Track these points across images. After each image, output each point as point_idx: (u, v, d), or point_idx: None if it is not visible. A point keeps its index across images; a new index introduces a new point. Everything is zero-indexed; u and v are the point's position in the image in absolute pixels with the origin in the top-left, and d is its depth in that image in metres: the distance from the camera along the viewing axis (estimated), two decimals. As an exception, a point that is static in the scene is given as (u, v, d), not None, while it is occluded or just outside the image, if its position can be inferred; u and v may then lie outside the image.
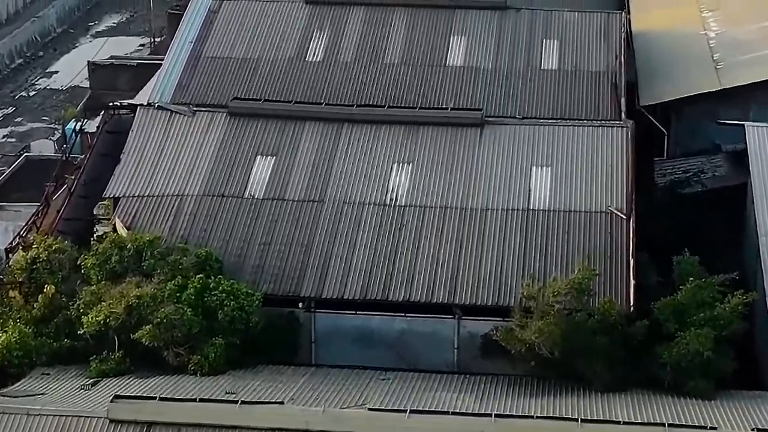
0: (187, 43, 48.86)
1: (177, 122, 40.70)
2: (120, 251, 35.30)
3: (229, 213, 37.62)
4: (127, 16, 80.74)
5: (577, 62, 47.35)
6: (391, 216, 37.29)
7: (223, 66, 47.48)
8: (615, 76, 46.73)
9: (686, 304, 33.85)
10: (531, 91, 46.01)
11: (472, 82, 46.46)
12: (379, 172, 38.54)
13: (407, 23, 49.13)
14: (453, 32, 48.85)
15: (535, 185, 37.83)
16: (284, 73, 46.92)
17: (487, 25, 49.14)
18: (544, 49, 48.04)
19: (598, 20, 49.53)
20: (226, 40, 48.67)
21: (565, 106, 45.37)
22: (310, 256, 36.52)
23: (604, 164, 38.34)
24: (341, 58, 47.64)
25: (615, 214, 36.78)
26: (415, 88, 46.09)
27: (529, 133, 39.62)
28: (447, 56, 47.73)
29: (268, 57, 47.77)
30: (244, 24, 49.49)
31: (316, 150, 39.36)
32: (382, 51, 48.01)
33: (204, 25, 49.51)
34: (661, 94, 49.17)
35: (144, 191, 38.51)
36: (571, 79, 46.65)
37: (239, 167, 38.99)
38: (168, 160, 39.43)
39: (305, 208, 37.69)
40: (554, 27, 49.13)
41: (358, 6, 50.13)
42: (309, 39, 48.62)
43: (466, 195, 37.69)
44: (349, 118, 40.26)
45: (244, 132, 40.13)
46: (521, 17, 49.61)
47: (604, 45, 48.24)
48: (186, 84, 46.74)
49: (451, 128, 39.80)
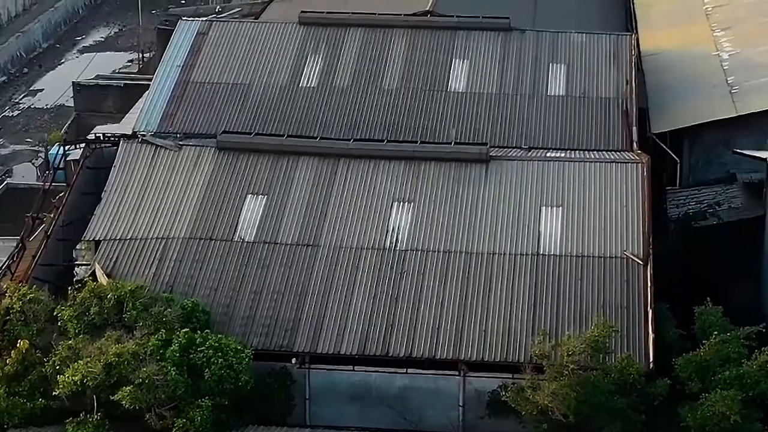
0: (175, 67, 46.43)
1: (162, 157, 38.13)
2: (100, 302, 32.79)
3: (218, 258, 35.07)
4: (115, 30, 78.20)
5: (585, 88, 44.95)
6: (391, 261, 34.76)
7: (212, 92, 45.07)
8: (625, 102, 44.37)
9: (710, 361, 31.40)
10: (537, 119, 43.67)
11: (475, 109, 44.08)
12: (377, 213, 36.01)
13: (407, 45, 46.71)
14: (455, 55, 46.43)
15: (545, 227, 35.30)
16: (277, 100, 44.51)
17: (490, 48, 46.73)
18: (550, 73, 45.65)
19: (607, 43, 47.12)
20: (216, 65, 46.23)
21: (574, 135, 43.05)
22: (304, 306, 33.98)
23: (618, 204, 35.81)
24: (337, 83, 45.21)
25: (631, 259, 34.26)
26: (415, 115, 43.73)
27: (538, 169, 37.06)
28: (448, 81, 45.33)
29: (260, 82, 45.35)
30: (235, 47, 47.06)
31: (311, 188, 36.82)
32: (381, 75, 45.59)
33: (192, 48, 47.09)
34: (673, 120, 46.68)
35: (126, 234, 35.97)
36: (579, 105, 44.28)
37: (228, 207, 36.44)
38: (152, 199, 36.86)
39: (299, 253, 35.13)
40: (561, 50, 46.72)
41: (354, 27, 47.72)
42: (303, 62, 46.18)
43: (471, 238, 35.16)
44: (345, 153, 37.73)
45: (233, 168, 37.58)
46: (526, 39, 47.18)
47: (613, 69, 45.84)
48: (173, 112, 44.32)
49: (454, 164, 37.26)
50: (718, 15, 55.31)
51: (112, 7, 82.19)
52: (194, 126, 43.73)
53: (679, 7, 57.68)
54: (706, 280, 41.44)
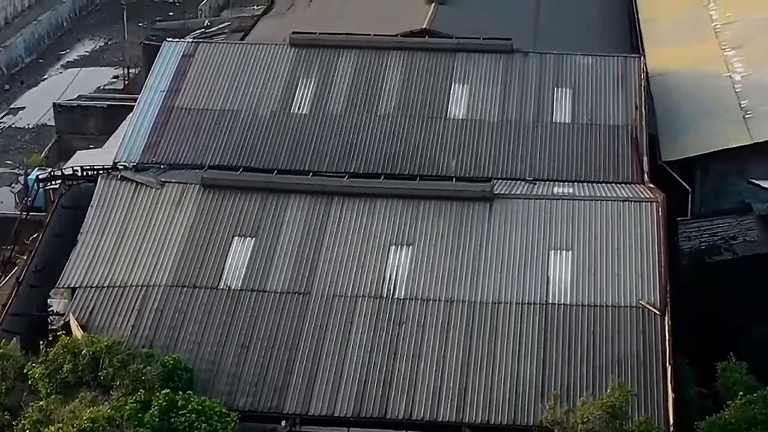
0: (158, 92, 43.92)
1: (143, 196, 35.61)
2: (74, 358, 30.31)
3: (202, 308, 32.53)
4: (100, 43, 75.48)
5: (592, 114, 42.50)
6: (388, 311, 32.24)
7: (198, 119, 42.56)
8: (635, 129, 41.92)
9: (735, 424, 28.98)
10: (542, 148, 41.20)
11: (476, 137, 41.60)
12: (374, 257, 33.49)
13: (403, 68, 44.22)
14: (454, 79, 43.95)
15: (554, 273, 32.80)
16: (266, 128, 42.02)
17: (491, 72, 44.26)
18: (555, 99, 43.18)
19: (614, 65, 44.66)
20: (202, 89, 43.74)
21: (581, 166, 40.59)
22: (294, 361, 31.46)
23: (632, 248, 33.33)
24: (330, 110, 42.73)
25: (647, 309, 31.80)
26: (413, 145, 41.24)
27: (545, 209, 34.57)
28: (448, 107, 42.86)
29: (249, 108, 42.87)
30: (223, 70, 44.55)
31: (302, 230, 34.29)
32: (376, 101, 43.10)
33: (177, 71, 44.59)
34: (684, 148, 44.28)
35: (103, 280, 33.42)
36: (587, 133, 41.83)
37: (213, 251, 33.90)
38: (132, 242, 34.32)
39: (289, 302, 32.60)
40: (566, 73, 44.25)
41: (348, 49, 45.21)
42: (294, 87, 43.69)
43: (474, 286, 32.65)
44: (339, 191, 35.22)
45: (219, 208, 35.03)
46: (529, 62, 44.71)
47: (621, 94, 43.39)
48: (156, 141, 41.83)
49: (456, 203, 34.76)
50: (728, 32, 52.84)
51: (98, 18, 79.48)
52: (179, 156, 41.29)
53: (687, 24, 55.22)
54: (723, 319, 39.25)
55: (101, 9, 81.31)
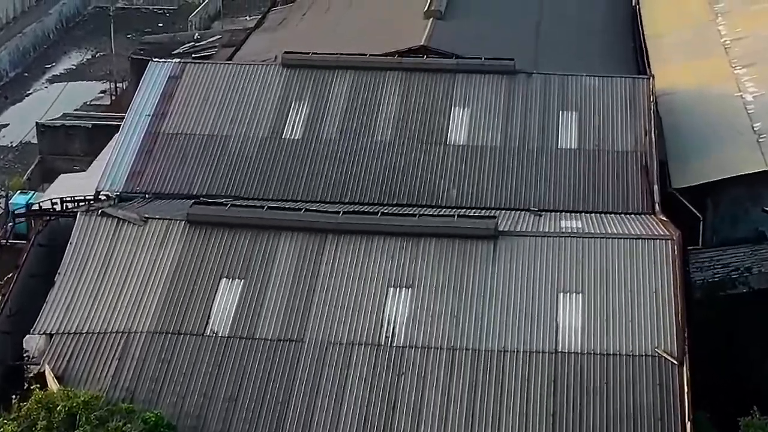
0: (144, 117, 41.83)
1: (125, 233, 33.39)
2: (48, 414, 28.18)
3: (187, 357, 30.29)
4: (88, 56, 73.26)
5: (600, 140, 40.43)
6: (386, 361, 30.02)
7: (185, 145, 40.51)
8: (645, 156, 39.85)
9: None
10: (547, 177, 39.15)
11: (478, 165, 39.55)
12: (371, 301, 31.30)
13: (401, 91, 42.13)
14: (454, 102, 41.86)
15: (564, 319, 30.63)
16: (257, 155, 39.96)
17: (493, 94, 42.16)
18: (561, 123, 41.11)
19: (622, 87, 42.60)
20: (190, 113, 41.66)
21: (588, 196, 38.57)
22: (286, 416, 29.16)
23: (646, 290, 31.17)
24: (324, 135, 40.64)
25: (664, 358, 29.66)
26: (411, 173, 39.22)
27: (554, 247, 32.37)
28: (448, 132, 40.78)
29: (239, 134, 40.79)
30: (211, 92, 42.47)
31: (294, 271, 32.10)
32: (372, 125, 41.03)
33: (164, 94, 42.51)
34: (696, 174, 42.15)
35: (82, 326, 31.21)
36: (594, 160, 39.77)
37: (199, 294, 31.69)
38: (113, 284, 32.10)
39: (280, 351, 30.39)
40: (572, 96, 42.16)
41: (343, 69, 43.10)
42: (287, 111, 41.61)
43: (479, 332, 30.46)
44: (333, 228, 33.03)
45: (205, 246, 32.83)
46: (533, 84, 42.61)
47: (630, 118, 41.32)
48: (141, 169, 39.76)
49: (458, 241, 32.56)
50: (738, 49, 50.74)
51: (86, 30, 77.27)
52: (164, 185, 39.28)
53: (694, 39, 53.14)
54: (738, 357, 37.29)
55: (89, 20, 79.17)
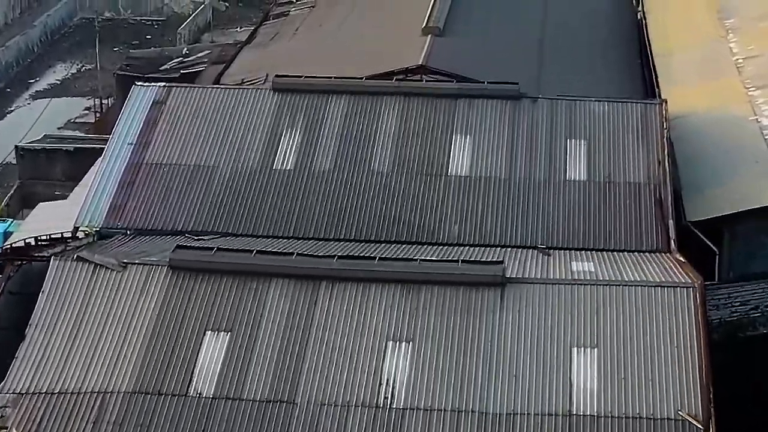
0: (126, 145, 39.40)
1: (102, 280, 30.87)
2: (15, 488, 25.79)
3: (168, 420, 27.69)
4: (73, 70, 70.72)
5: (610, 171, 38.03)
6: (385, 424, 27.49)
7: (169, 176, 38.11)
8: (659, 188, 37.45)
9: None
10: (555, 211, 36.74)
11: (481, 198, 37.15)
12: (368, 357, 28.78)
13: (400, 118, 39.73)
14: (456, 129, 39.45)
15: (578, 377, 28.14)
16: (246, 188, 37.56)
17: (497, 121, 39.75)
18: (569, 152, 38.71)
19: (633, 113, 40.19)
20: (175, 142, 39.25)
21: (599, 232, 36.17)
22: (276, 489, 26.90)
23: (667, 345, 28.70)
24: (317, 166, 38.25)
25: (688, 422, 27.22)
26: (410, 208, 36.84)
27: (566, 296, 29.88)
28: (449, 162, 38.37)
29: (227, 165, 38.39)
30: (198, 119, 40.05)
31: (285, 323, 29.59)
32: (369, 155, 38.62)
33: (147, 121, 40.10)
34: (711, 205, 39.70)
35: (54, 385, 28.65)
36: (604, 193, 37.38)
37: (182, 349, 29.15)
38: (88, 338, 29.53)
39: (270, 413, 27.79)
40: (580, 122, 39.75)
41: (338, 94, 40.67)
42: (278, 139, 39.21)
43: (486, 392, 27.91)
44: (328, 275, 30.55)
45: (189, 295, 30.29)
46: (539, 109, 40.20)
47: (642, 147, 38.92)
48: (122, 203, 37.37)
49: (463, 289, 30.10)
50: (752, 68, 48.28)
51: (71, 42, 74.73)
52: (147, 220, 36.88)
53: (705, 58, 50.68)
54: (764, 406, 34.93)
55: (74, 31, 76.65)
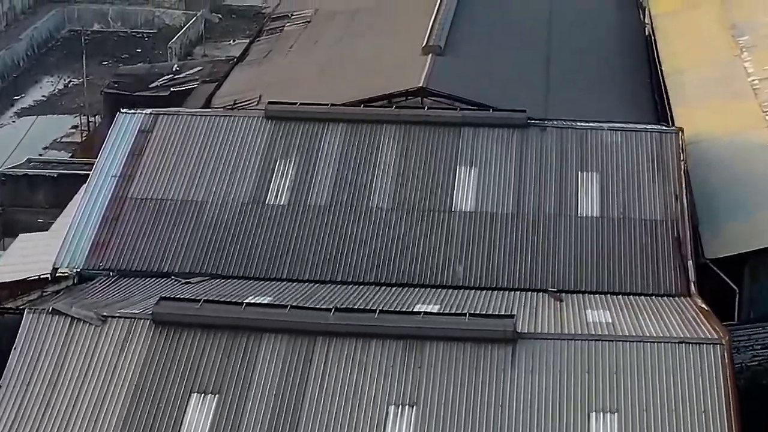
0: (110, 178, 37.06)
1: (80, 335, 28.44)
2: None
3: (149, 495, 25.51)
4: (60, 86, 68.31)
5: (624, 206, 35.69)
6: (388, 500, 25.31)
7: (155, 212, 35.82)
8: (676, 225, 35.12)
9: None
10: (567, 250, 34.45)
11: (488, 236, 34.84)
12: (368, 423, 26.34)
13: (400, 147, 37.42)
14: (460, 160, 37.13)
15: (597, 446, 25.87)
16: (237, 225, 35.26)
17: (504, 151, 37.43)
18: (580, 186, 36.38)
19: (648, 142, 37.86)
20: (161, 174, 36.94)
21: (614, 274, 33.89)
22: None
23: (693, 409, 26.32)
24: (313, 201, 35.93)
25: (717, 497, 24.94)
26: (412, 247, 34.55)
27: (582, 354, 27.47)
28: (453, 197, 36.05)
29: (216, 199, 36.09)
30: (186, 149, 37.74)
31: (277, 384, 27.13)
32: (368, 189, 36.31)
33: (132, 151, 37.77)
34: (731, 241, 37.47)
35: (27, 454, 26.40)
36: (619, 231, 35.06)
37: (166, 414, 26.63)
38: (63, 400, 27.01)
39: (261, 488, 25.62)
40: (592, 153, 37.43)
41: (335, 123, 38.32)
42: (271, 172, 36.88)
43: (496, 463, 25.69)
44: (324, 330, 28.17)
45: (174, 353, 27.84)
46: (548, 139, 37.88)
47: (658, 180, 36.59)
48: (105, 241, 35.04)
49: (470, 345, 27.70)
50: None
51: (58, 56, 72.30)
52: (131, 260, 34.56)
53: (718, 78, 48.31)
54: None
55: (62, 44, 74.20)
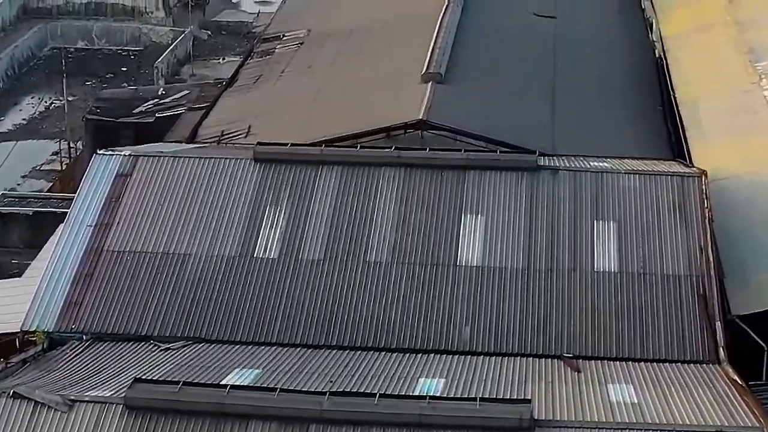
0: (84, 228, 34.12)
1: (44, 421, 25.41)
2: None
3: None
4: (41, 108, 65.17)
5: (645, 260, 32.83)
6: None
7: (134, 266, 32.99)
8: (702, 282, 32.20)
9: None
10: (583, 311, 31.65)
11: (497, 295, 32.06)
12: None
13: (400, 193, 34.58)
14: (465, 208, 34.25)
15: None
16: (222, 281, 32.50)
17: (513, 198, 34.55)
18: (596, 237, 33.47)
19: (668, 186, 35.02)
20: (141, 224, 34.10)
21: (635, 337, 31.16)
22: None
23: None
24: (305, 255, 33.12)
25: None
26: (414, 307, 31.65)
27: (605, 448, 24.60)
28: (458, 249, 33.16)
29: (200, 252, 33.27)
30: (168, 195, 34.86)
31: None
32: (365, 241, 33.48)
33: (110, 197, 34.88)
34: (761, 297, 34.51)
35: None
36: (640, 288, 32.22)
37: None
38: (24, 501, 24.32)
39: None
40: (608, 200, 34.55)
41: (329, 166, 35.40)
42: (260, 221, 34.04)
43: None
44: (317, 417, 25.21)
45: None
46: (560, 184, 34.97)
47: (681, 229, 33.73)
48: (78, 300, 32.22)
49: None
50: (792, 123, 43.11)
51: (40, 75, 69.11)
52: (107, 322, 31.81)
53: (737, 108, 45.19)
54: None
55: (44, 63, 70.95)
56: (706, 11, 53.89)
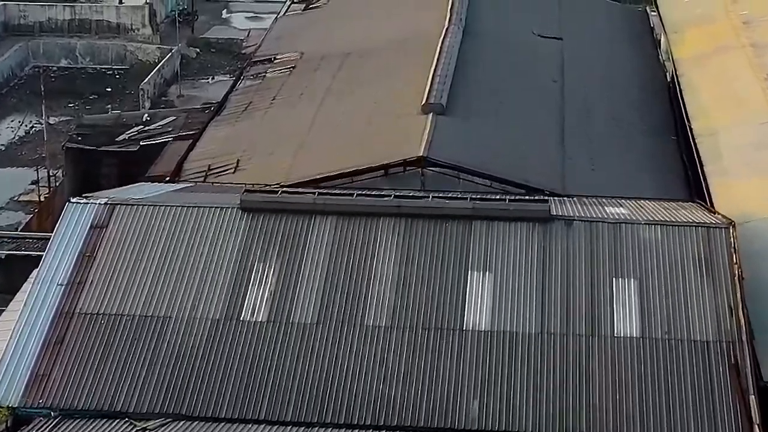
0: (55, 287, 31.10)
1: None
2: None
3: None
4: (20, 132, 62.19)
5: (669, 323, 29.85)
6: None
7: (108, 331, 30.09)
8: (733, 348, 29.25)
9: None
10: (602, 383, 28.71)
11: (508, 363, 29.07)
12: None
13: (401, 247, 31.59)
14: (472, 264, 31.26)
15: None
16: (205, 351, 29.59)
17: (524, 252, 31.55)
18: (616, 297, 30.47)
19: (693, 240, 31.93)
20: (116, 282, 31.14)
21: (661, 412, 28.19)
22: None
23: None
24: (297, 317, 30.19)
25: None
26: (415, 379, 28.82)
27: None
28: (464, 312, 30.23)
29: (181, 315, 30.33)
30: (146, 250, 31.84)
31: None
32: (363, 302, 30.52)
33: (83, 252, 31.82)
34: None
35: None
36: (665, 355, 29.26)
37: None
38: None
39: None
40: (627, 254, 31.50)
41: (323, 215, 32.41)
42: (247, 279, 31.08)
43: None
44: None
45: None
46: (575, 236, 31.94)
47: (708, 287, 30.71)
48: (46, 371, 29.30)
49: None
50: (820, 158, 40.14)
51: (20, 96, 66.10)
52: (77, 396, 28.86)
53: (759, 142, 42.22)
54: None
55: (25, 82, 68.01)
56: (720, 33, 51.15)
